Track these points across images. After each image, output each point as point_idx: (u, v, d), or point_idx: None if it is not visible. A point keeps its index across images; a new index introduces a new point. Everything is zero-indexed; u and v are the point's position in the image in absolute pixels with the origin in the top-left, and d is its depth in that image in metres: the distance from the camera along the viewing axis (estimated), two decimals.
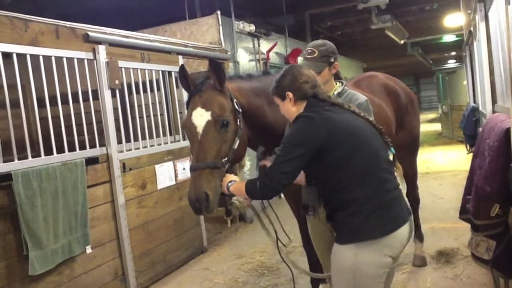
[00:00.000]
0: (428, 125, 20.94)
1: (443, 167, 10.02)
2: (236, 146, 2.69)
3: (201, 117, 2.63)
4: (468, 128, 6.76)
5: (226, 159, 2.62)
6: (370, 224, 2.17)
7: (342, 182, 2.21)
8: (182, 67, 2.84)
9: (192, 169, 2.57)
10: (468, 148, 7.70)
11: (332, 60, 2.80)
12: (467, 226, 3.55)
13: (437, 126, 18.78)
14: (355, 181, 2.20)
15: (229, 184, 2.52)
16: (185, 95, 5.67)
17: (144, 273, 4.83)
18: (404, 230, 2.25)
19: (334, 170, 2.22)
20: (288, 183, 2.29)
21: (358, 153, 2.22)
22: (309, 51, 2.80)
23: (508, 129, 2.47)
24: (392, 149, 2.43)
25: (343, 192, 2.22)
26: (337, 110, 2.34)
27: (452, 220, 5.66)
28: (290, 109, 2.42)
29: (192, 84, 2.82)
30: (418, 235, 4.60)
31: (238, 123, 2.74)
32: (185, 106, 2.94)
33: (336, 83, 2.88)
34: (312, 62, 2.75)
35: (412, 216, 2.37)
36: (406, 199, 2.41)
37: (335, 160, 2.21)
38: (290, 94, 2.38)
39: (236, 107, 2.75)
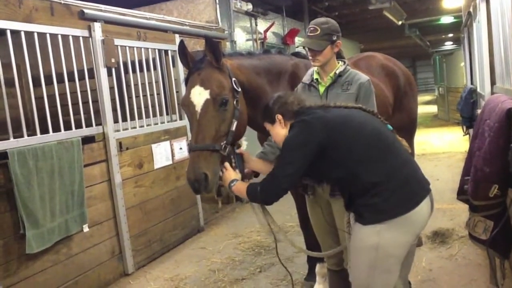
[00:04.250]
0: (424, 107, 20.93)
1: (439, 149, 10.08)
2: (234, 126, 2.65)
3: (199, 96, 2.59)
4: (465, 110, 6.72)
5: (225, 142, 2.59)
6: (392, 203, 2.17)
7: (354, 172, 2.20)
8: (182, 44, 2.77)
9: (191, 150, 2.55)
10: (465, 130, 7.68)
11: (334, 38, 2.76)
12: (463, 207, 3.56)
13: (433, 108, 18.80)
14: (366, 168, 2.19)
15: (232, 184, 2.53)
16: (181, 74, 5.63)
17: (141, 252, 4.85)
18: (426, 204, 2.25)
19: (342, 163, 2.22)
20: (289, 187, 2.29)
21: (358, 138, 2.22)
22: (312, 28, 2.75)
23: (509, 110, 2.45)
24: (389, 126, 2.42)
25: (358, 182, 2.20)
26: (325, 110, 2.35)
27: (448, 201, 5.70)
28: (280, 131, 2.43)
29: (191, 61, 2.77)
30: None
31: (235, 102, 2.69)
32: (183, 83, 2.89)
33: (338, 62, 2.85)
34: (314, 40, 2.72)
35: (430, 185, 2.35)
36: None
37: (340, 153, 2.21)
38: (279, 116, 2.41)
39: (234, 86, 2.70)
